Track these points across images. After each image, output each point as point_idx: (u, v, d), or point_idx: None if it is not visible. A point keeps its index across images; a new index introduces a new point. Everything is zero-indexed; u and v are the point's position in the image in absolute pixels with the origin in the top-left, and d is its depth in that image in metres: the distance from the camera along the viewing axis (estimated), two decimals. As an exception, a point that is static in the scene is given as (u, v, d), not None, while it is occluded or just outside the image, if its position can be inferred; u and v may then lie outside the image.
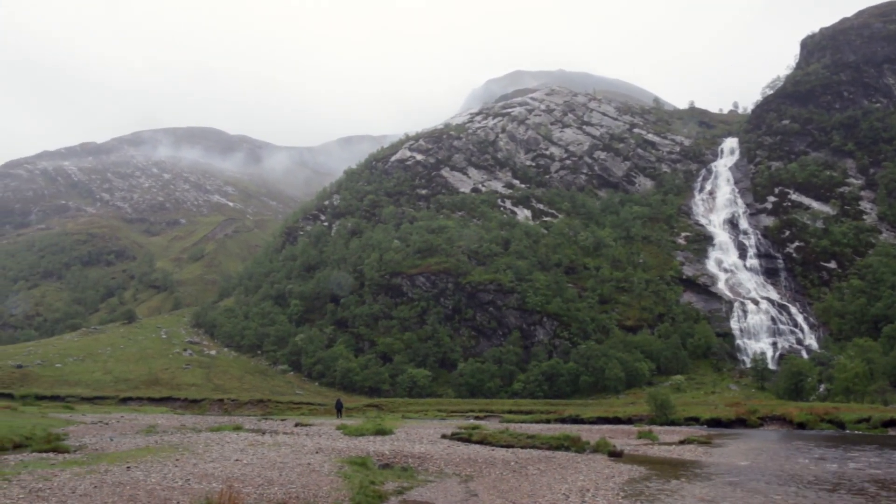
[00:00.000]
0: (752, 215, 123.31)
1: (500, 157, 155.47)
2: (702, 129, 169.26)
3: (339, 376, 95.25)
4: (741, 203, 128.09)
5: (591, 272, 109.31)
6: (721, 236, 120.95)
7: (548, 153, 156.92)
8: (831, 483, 20.58)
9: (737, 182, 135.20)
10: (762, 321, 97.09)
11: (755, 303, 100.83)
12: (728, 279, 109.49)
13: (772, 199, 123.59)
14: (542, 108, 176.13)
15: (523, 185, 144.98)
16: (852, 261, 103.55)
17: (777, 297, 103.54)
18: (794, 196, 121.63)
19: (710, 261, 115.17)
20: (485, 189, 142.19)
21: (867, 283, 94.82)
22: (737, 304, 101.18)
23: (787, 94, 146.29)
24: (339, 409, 63.20)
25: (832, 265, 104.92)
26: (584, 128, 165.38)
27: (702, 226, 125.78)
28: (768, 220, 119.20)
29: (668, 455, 29.25)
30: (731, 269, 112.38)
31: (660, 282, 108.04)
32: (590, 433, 38.33)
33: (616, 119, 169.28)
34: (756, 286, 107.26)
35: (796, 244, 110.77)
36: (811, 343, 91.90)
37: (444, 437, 36.67)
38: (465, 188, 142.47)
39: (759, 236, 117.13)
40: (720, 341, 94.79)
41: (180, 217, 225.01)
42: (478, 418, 61.01)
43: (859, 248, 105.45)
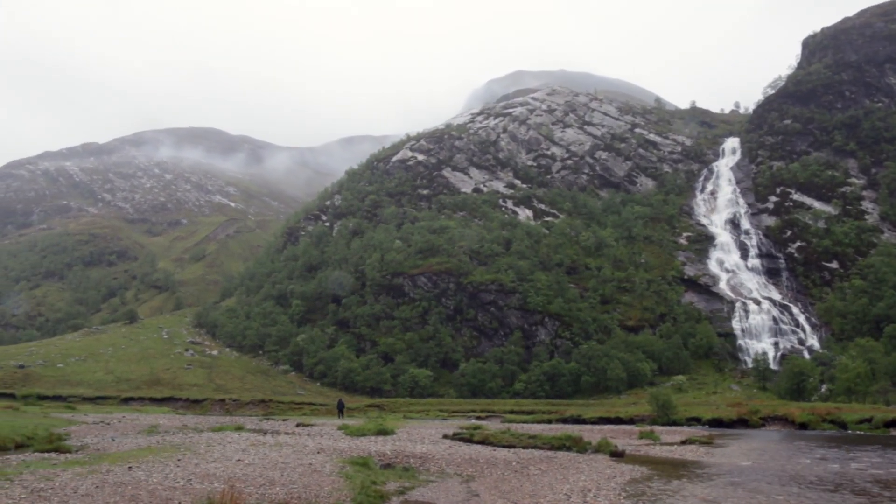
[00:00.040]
0: (753, 215, 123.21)
1: (501, 158, 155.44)
2: (703, 129, 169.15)
3: (340, 376, 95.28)
4: (743, 203, 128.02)
5: (592, 272, 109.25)
6: (722, 236, 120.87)
7: (549, 153, 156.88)
8: (833, 483, 20.56)
9: (738, 182, 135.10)
10: (764, 321, 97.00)
11: (757, 303, 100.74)
12: (730, 279, 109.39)
13: (773, 198, 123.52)
14: (544, 108, 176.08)
15: (525, 186, 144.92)
16: (854, 261, 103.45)
17: (779, 297, 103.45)
18: (796, 196, 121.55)
19: (711, 261, 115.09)
20: (486, 189, 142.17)
21: (869, 283, 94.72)
22: (738, 305, 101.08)
23: (788, 93, 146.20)
24: (341, 410, 63.19)
25: (834, 265, 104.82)
26: (586, 128, 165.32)
27: (703, 226, 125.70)
28: (770, 220, 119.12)
29: (669, 455, 29.23)
30: (732, 269, 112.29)
31: (661, 282, 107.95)
32: (591, 433, 38.31)
33: (617, 119, 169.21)
34: (758, 286, 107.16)
35: (798, 244, 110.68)
36: (813, 343, 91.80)
37: (445, 437, 36.67)
38: (467, 188, 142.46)
39: (761, 236, 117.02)
40: (722, 341, 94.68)
41: (182, 217, 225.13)
42: (479, 418, 61.00)
43: (861, 248, 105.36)
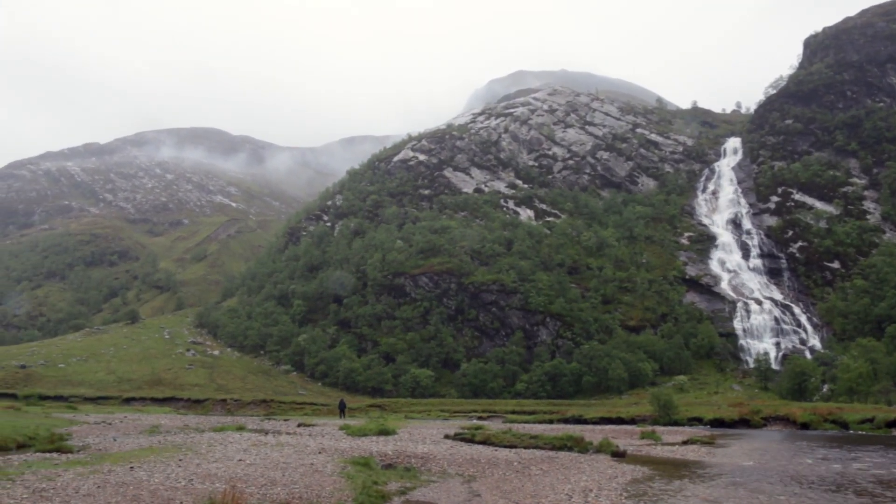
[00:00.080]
0: (755, 215, 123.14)
1: (502, 158, 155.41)
2: (704, 129, 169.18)
3: (342, 376, 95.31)
4: (744, 203, 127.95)
5: (593, 272, 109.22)
6: (724, 236, 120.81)
7: (550, 153, 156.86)
8: (835, 483, 20.53)
9: (740, 182, 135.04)
10: (765, 321, 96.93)
11: (758, 303, 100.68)
12: (731, 279, 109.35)
13: (775, 198, 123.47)
14: (545, 108, 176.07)
15: (526, 186, 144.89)
16: (856, 261, 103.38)
17: (780, 297, 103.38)
18: (798, 196, 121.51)
19: (713, 261, 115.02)
20: (487, 189, 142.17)
21: (871, 282, 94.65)
22: (740, 305, 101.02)
23: (790, 93, 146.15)
24: (343, 410, 63.21)
25: (835, 265, 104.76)
26: (587, 128, 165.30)
27: (705, 226, 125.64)
28: (771, 220, 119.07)
29: (671, 455, 29.20)
30: (734, 269, 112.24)
31: (663, 282, 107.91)
32: (593, 433, 38.28)
33: (619, 119, 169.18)
34: (759, 286, 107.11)
35: (799, 244, 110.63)
36: (814, 343, 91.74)
37: (446, 437, 36.66)
38: (468, 188, 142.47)
39: (763, 236, 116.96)
40: (723, 341, 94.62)
41: (183, 217, 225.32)
42: (481, 419, 60.97)
43: (863, 248, 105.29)
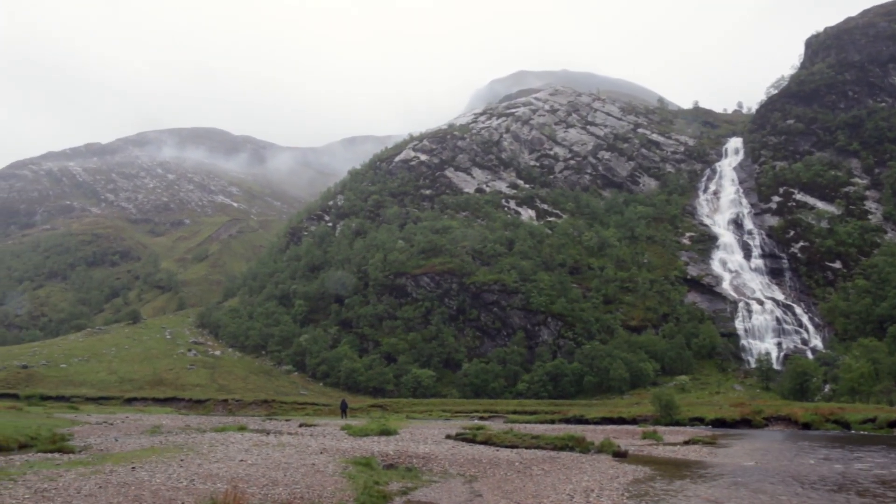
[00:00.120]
0: (756, 215, 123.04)
1: (504, 158, 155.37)
2: (706, 129, 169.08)
3: (343, 376, 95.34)
4: (746, 203, 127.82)
5: (595, 272, 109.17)
6: (725, 236, 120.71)
7: (552, 153, 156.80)
8: (837, 483, 20.52)
9: (741, 182, 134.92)
10: (767, 321, 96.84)
11: (760, 303, 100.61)
12: (733, 279, 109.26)
13: (776, 198, 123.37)
14: (546, 108, 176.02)
15: (527, 186, 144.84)
16: (857, 261, 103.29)
17: (782, 298, 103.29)
18: (799, 196, 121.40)
19: (714, 261, 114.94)
20: (489, 189, 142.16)
21: (872, 282, 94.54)
22: (741, 305, 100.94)
23: (791, 93, 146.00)
24: (344, 410, 63.26)
25: (837, 265, 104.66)
26: (589, 128, 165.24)
27: (706, 226, 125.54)
28: (773, 220, 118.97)
29: (672, 455, 29.19)
30: (735, 269, 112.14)
31: (664, 282, 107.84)
32: (594, 433, 38.26)
33: (620, 119, 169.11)
34: (761, 286, 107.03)
35: (801, 244, 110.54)
36: (816, 343, 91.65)
37: (448, 437, 36.67)
38: (470, 188, 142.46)
39: (764, 236, 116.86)
40: (725, 341, 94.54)
41: (185, 217, 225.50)
42: (482, 419, 60.96)
43: (864, 248, 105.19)
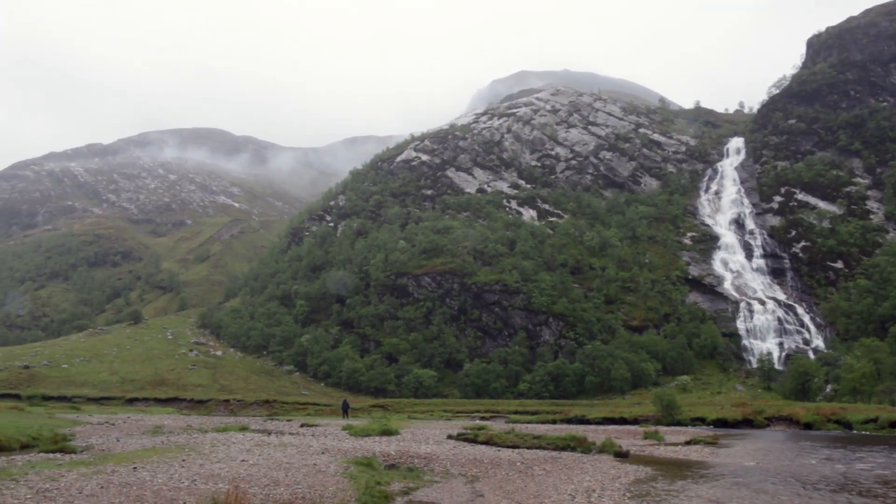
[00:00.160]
0: (758, 215, 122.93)
1: (505, 158, 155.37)
2: (707, 129, 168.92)
3: (344, 377, 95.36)
4: (747, 203, 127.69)
5: (596, 272, 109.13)
6: (727, 236, 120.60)
7: (553, 153, 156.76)
8: (839, 484, 20.49)
9: (743, 182, 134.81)
10: (768, 321, 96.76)
11: (761, 303, 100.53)
12: (734, 279, 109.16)
13: (778, 198, 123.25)
14: (548, 108, 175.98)
15: (529, 186, 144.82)
16: (859, 260, 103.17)
17: (783, 297, 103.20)
18: (801, 196, 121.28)
19: (715, 261, 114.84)
20: (490, 189, 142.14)
21: (874, 282, 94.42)
22: (743, 305, 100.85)
23: (793, 93, 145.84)
24: (346, 410, 63.27)
25: (839, 265, 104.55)
26: (590, 128, 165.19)
27: (708, 226, 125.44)
28: (774, 220, 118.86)
29: (674, 455, 29.18)
30: (737, 269, 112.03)
31: (665, 282, 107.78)
32: (596, 434, 38.25)
33: (621, 119, 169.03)
34: (762, 286, 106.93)
35: (803, 244, 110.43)
36: (818, 343, 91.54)
37: (449, 437, 36.67)
38: (471, 188, 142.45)
39: (766, 236, 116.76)
40: (726, 341, 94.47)
41: (186, 218, 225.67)
42: (483, 419, 60.95)
43: (866, 248, 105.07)
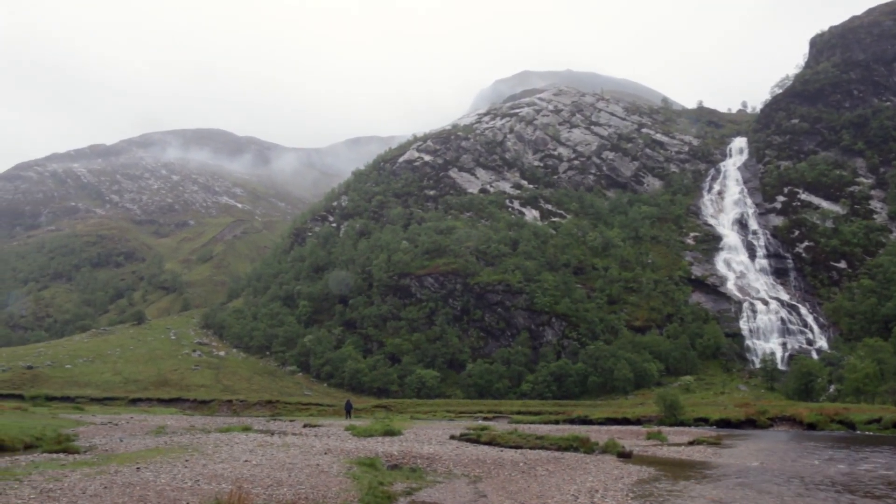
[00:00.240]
0: (761, 215, 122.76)
1: (508, 158, 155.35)
2: (710, 129, 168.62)
3: (347, 377, 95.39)
4: (750, 203, 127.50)
5: (599, 272, 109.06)
6: (730, 236, 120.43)
7: (556, 153, 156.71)
8: (842, 484, 20.46)
9: (746, 182, 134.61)
10: (772, 321, 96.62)
11: (764, 303, 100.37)
12: (737, 279, 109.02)
13: (781, 198, 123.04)
14: (550, 108, 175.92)
15: (531, 186, 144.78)
16: (862, 260, 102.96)
17: (786, 298, 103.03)
18: (804, 196, 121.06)
19: (719, 261, 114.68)
20: (493, 189, 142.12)
21: (878, 282, 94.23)
22: (746, 305, 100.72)
23: (796, 93, 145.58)
24: (349, 410, 63.32)
25: (842, 265, 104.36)
26: (592, 128, 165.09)
27: (710, 226, 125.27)
28: (777, 220, 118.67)
29: (677, 456, 29.15)
30: (740, 269, 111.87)
31: (668, 282, 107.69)
32: (599, 434, 38.25)
33: (624, 119, 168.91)
34: (765, 286, 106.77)
35: (806, 244, 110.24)
36: (821, 343, 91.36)
37: (452, 437, 36.67)
38: (473, 189, 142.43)
39: (769, 236, 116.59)
40: (729, 342, 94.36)
41: (189, 218, 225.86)
42: (486, 419, 60.94)
43: (869, 248, 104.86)
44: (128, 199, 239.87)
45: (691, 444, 34.21)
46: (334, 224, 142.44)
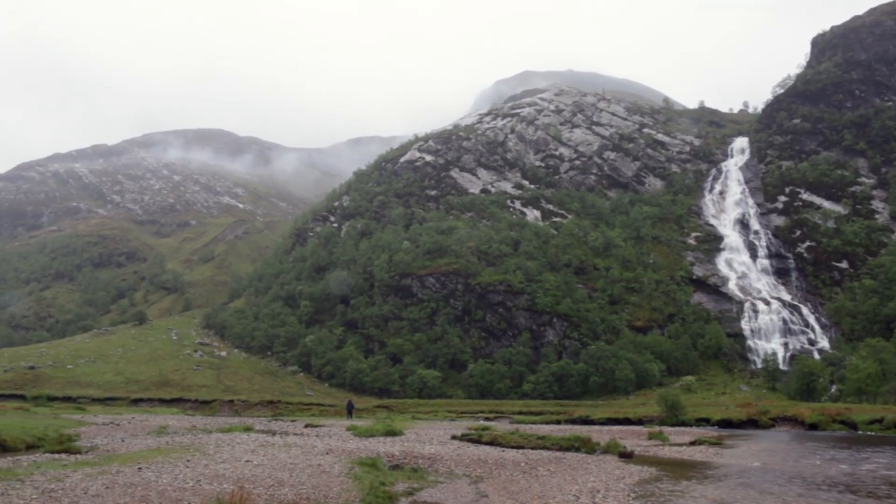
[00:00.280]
0: (762, 215, 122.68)
1: (509, 158, 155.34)
2: (712, 129, 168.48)
3: (349, 377, 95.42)
4: (752, 203, 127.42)
5: (600, 272, 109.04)
6: (731, 236, 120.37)
7: (557, 153, 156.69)
8: (844, 484, 20.44)
9: (747, 182, 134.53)
10: (773, 321, 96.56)
11: (766, 303, 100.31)
12: (739, 279, 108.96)
13: (782, 198, 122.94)
14: (552, 108, 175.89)
15: (533, 186, 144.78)
16: (864, 260, 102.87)
17: (788, 298, 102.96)
18: (805, 195, 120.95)
19: (720, 261, 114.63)
20: (494, 190, 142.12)
21: (879, 282, 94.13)
22: (747, 305, 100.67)
23: (797, 92, 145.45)
24: (350, 411, 63.33)
25: (844, 265, 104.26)
26: (594, 128, 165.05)
27: (712, 226, 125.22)
28: (779, 220, 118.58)
29: (678, 456, 29.14)
30: (741, 269, 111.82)
31: (670, 282, 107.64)
32: (600, 434, 38.23)
33: (625, 119, 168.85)
34: (767, 286, 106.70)
35: (807, 244, 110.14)
36: (823, 343, 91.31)
37: (454, 438, 36.66)
38: (475, 189, 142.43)
39: (770, 236, 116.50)
40: (731, 342, 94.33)
41: (190, 219, 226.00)
42: (488, 419, 60.91)
43: (871, 248, 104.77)
44: (129, 200, 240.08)
45: (693, 444, 34.18)
46: (336, 224, 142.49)
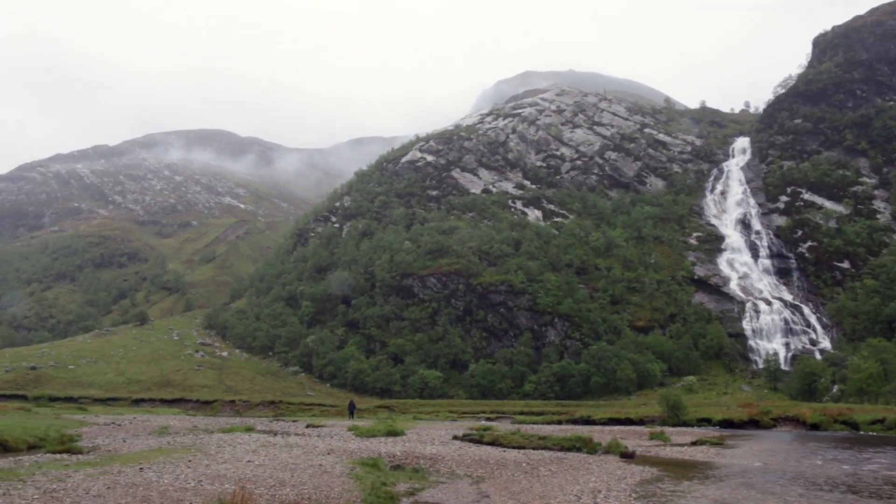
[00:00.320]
0: (764, 215, 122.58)
1: (510, 158, 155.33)
2: (713, 129, 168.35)
3: (350, 377, 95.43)
4: (753, 203, 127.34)
5: (602, 273, 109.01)
6: (733, 236, 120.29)
7: (558, 153, 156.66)
8: (846, 484, 20.42)
9: (748, 182, 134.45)
10: (775, 321, 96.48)
11: (767, 303, 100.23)
12: (740, 279, 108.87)
13: (784, 198, 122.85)
14: (553, 108, 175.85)
15: (534, 186, 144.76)
16: (866, 260, 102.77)
17: (790, 298, 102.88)
18: (807, 195, 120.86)
19: (721, 261, 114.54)
20: (495, 190, 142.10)
21: (881, 282, 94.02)
22: (749, 305, 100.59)
23: (799, 92, 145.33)
24: (352, 411, 63.33)
25: (845, 265, 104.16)
26: (595, 128, 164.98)
27: (713, 226, 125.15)
28: (780, 220, 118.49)
29: (680, 456, 29.12)
30: (743, 269, 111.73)
31: (671, 282, 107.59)
32: (601, 434, 38.21)
33: (627, 119, 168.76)
34: (768, 286, 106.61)
35: (809, 244, 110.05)
36: (824, 343, 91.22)
37: (455, 438, 36.65)
38: (476, 189, 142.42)
39: (772, 236, 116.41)
40: (732, 342, 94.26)
41: (192, 219, 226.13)
42: (489, 419, 60.92)
43: (873, 248, 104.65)
44: (131, 200, 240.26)
45: (694, 444, 34.16)
46: (337, 224, 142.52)
